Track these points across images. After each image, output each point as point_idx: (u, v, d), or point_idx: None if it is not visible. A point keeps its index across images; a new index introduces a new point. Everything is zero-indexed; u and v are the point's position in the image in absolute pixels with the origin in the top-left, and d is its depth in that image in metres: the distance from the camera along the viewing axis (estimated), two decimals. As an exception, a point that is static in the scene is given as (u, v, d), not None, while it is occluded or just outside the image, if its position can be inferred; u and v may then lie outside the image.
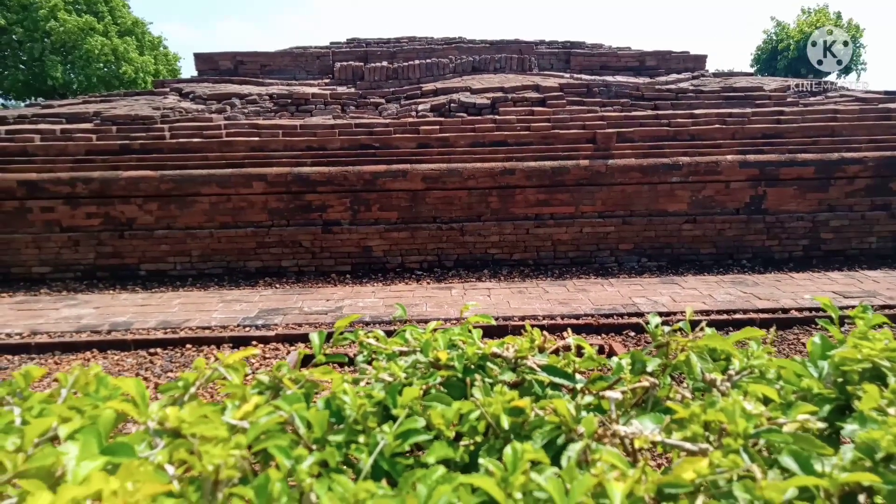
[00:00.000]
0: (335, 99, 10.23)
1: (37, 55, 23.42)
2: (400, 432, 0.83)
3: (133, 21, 26.72)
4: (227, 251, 7.73)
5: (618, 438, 0.79)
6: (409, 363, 1.04)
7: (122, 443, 0.80)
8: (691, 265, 7.83)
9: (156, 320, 6.20)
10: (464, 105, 9.38)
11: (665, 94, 9.80)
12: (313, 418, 0.84)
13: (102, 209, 7.60)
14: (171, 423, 0.82)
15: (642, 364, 1.01)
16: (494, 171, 7.76)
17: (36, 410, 0.91)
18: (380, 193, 7.75)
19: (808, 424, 0.79)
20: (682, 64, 12.40)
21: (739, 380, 0.97)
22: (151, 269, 7.72)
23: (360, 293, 7.01)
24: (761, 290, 6.71)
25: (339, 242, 7.78)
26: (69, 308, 6.63)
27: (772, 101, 9.42)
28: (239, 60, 12.29)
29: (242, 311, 6.42)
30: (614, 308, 6.26)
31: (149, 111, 9.03)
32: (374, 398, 0.89)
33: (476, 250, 7.89)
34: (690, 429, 0.77)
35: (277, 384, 1.00)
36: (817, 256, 7.98)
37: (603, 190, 7.86)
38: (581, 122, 8.40)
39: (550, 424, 0.83)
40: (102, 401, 0.96)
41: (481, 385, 0.93)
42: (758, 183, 7.89)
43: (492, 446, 0.83)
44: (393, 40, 13.91)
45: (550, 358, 1.06)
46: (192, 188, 7.60)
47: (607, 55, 12.49)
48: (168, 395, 1.01)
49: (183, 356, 5.53)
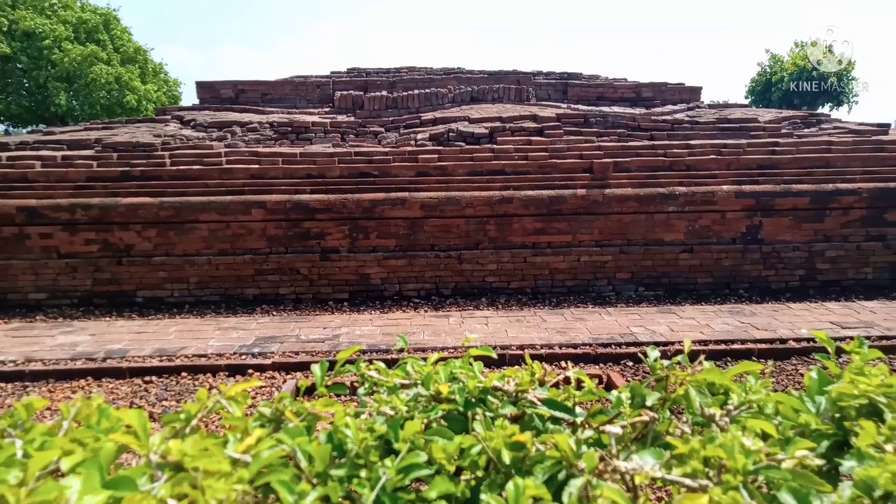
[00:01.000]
0: (335, 127, 10.34)
1: (41, 82, 23.69)
2: (402, 466, 0.83)
3: (135, 48, 27.10)
4: (225, 278, 7.72)
5: (618, 474, 0.79)
6: (411, 396, 1.05)
7: (125, 476, 0.81)
8: (689, 294, 7.84)
9: (152, 348, 6.17)
10: (462, 134, 9.48)
11: (661, 125, 9.93)
12: (315, 452, 0.84)
13: (101, 235, 7.62)
14: (173, 456, 0.82)
15: (642, 398, 1.02)
16: (492, 200, 7.81)
17: (38, 443, 0.92)
18: (378, 221, 7.78)
19: (806, 461, 0.79)
20: (677, 95, 12.59)
21: (738, 415, 0.98)
22: (148, 296, 7.70)
23: (358, 321, 6.99)
24: (759, 320, 6.71)
25: (336, 270, 7.79)
26: (65, 335, 6.60)
27: (767, 133, 9.54)
28: (240, 89, 12.44)
29: (239, 339, 6.39)
30: (612, 337, 6.25)
31: (150, 138, 9.11)
32: (376, 432, 0.90)
33: (474, 278, 7.90)
34: (690, 465, 0.78)
35: (279, 416, 1.00)
36: (814, 286, 8.01)
37: (600, 219, 7.91)
38: (578, 152, 8.49)
39: (551, 459, 0.83)
40: (104, 433, 0.96)
41: (482, 419, 0.94)
42: (754, 213, 7.96)
43: (493, 481, 0.83)
44: (393, 70, 14.12)
45: (551, 391, 1.06)
46: (191, 215, 7.63)
47: (604, 86, 12.68)
48: (170, 426, 1.01)
49: (178, 384, 5.49)
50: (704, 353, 1.43)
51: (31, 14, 23.54)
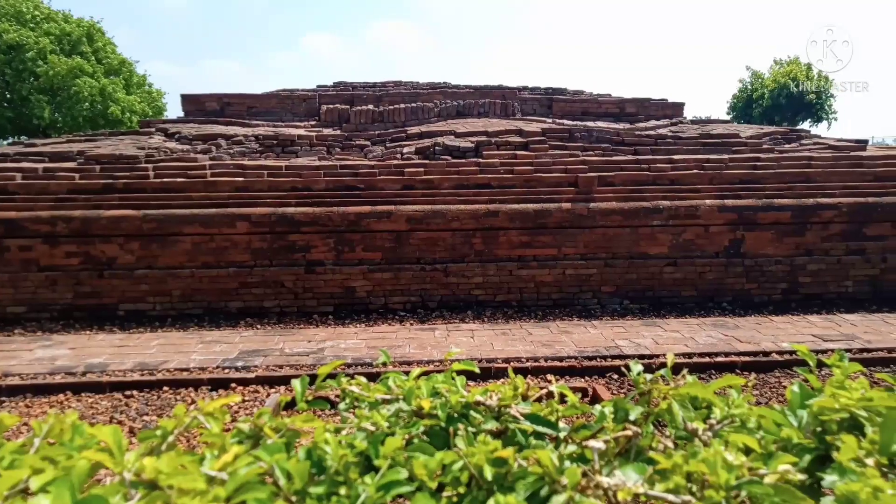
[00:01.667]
0: (321, 141, 10.33)
1: (24, 95, 23.46)
2: (382, 483, 0.82)
3: (120, 61, 26.96)
4: (209, 291, 7.65)
5: (601, 490, 0.79)
6: (392, 412, 1.03)
7: (96, 496, 0.78)
8: (673, 308, 7.89)
9: (133, 362, 6.07)
10: (448, 148, 9.51)
11: (645, 140, 10.04)
12: (294, 469, 0.83)
13: (83, 248, 7.52)
14: (147, 474, 0.80)
15: (625, 412, 1.02)
16: (478, 213, 7.83)
17: (7, 461, 0.89)
18: (364, 234, 7.76)
19: (788, 475, 0.79)
20: (660, 111, 12.75)
21: (721, 429, 0.98)
22: (130, 310, 7.60)
23: (343, 334, 6.95)
24: (742, 333, 6.77)
25: (322, 283, 7.74)
26: (43, 349, 6.48)
27: (748, 148, 9.68)
28: (226, 102, 12.40)
29: (222, 353, 6.32)
30: (597, 350, 6.26)
31: (133, 151, 9.04)
32: (357, 448, 0.88)
33: (460, 291, 7.89)
34: (673, 480, 0.77)
35: (258, 433, 0.99)
36: (796, 300, 8.09)
37: (585, 232, 7.95)
38: (563, 166, 8.55)
39: (534, 475, 0.82)
40: (77, 450, 0.94)
41: (464, 434, 0.93)
42: (736, 227, 8.05)
43: (475, 498, 0.82)
44: (379, 84, 14.16)
45: (534, 406, 1.06)
46: (174, 227, 7.56)
47: (588, 101, 12.82)
48: (146, 443, 0.99)
49: (159, 398, 5.40)
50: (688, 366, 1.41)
51: (15, 26, 23.35)
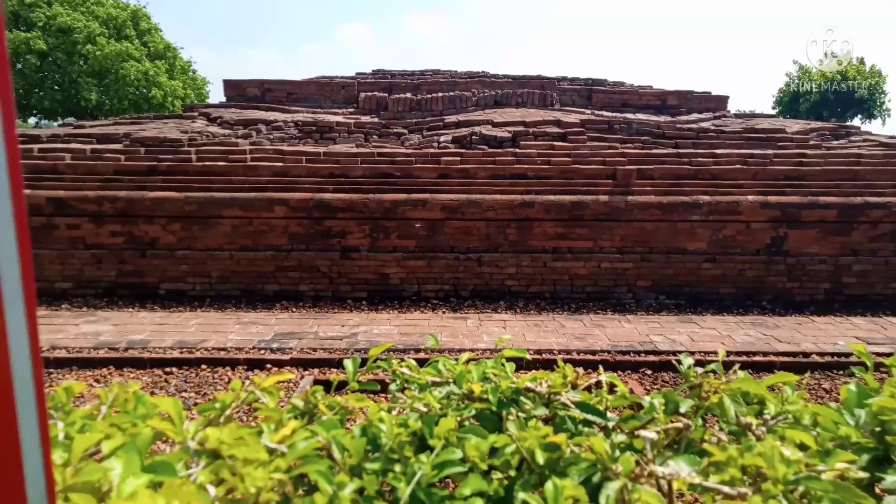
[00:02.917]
0: (359, 128, 10.40)
1: (73, 78, 24.16)
2: (437, 463, 0.83)
3: (165, 45, 27.53)
4: (246, 273, 7.80)
5: (654, 479, 0.79)
6: (444, 394, 1.05)
7: (164, 461, 0.82)
8: (710, 305, 7.75)
9: (173, 339, 6.24)
10: (485, 138, 9.48)
11: (686, 133, 9.84)
12: (351, 445, 0.85)
13: (126, 228, 7.74)
14: (210, 443, 0.84)
15: (675, 404, 1.01)
16: (513, 204, 7.80)
17: (78, 426, 0.93)
18: (399, 222, 7.81)
19: (848, 473, 0.78)
20: (703, 104, 12.46)
21: (775, 425, 0.97)
22: (171, 289, 7.81)
23: (376, 320, 7.02)
24: (782, 333, 6.61)
25: (356, 269, 7.83)
26: (88, 324, 6.71)
27: (794, 144, 9.41)
28: (266, 88, 12.57)
29: (258, 334, 6.45)
30: (631, 345, 6.20)
31: (177, 134, 9.24)
32: (410, 428, 0.90)
33: (493, 281, 7.88)
34: (728, 472, 0.77)
35: (312, 409, 1.01)
36: (839, 300, 7.86)
37: (622, 226, 7.85)
38: (601, 158, 8.44)
39: (586, 462, 0.83)
40: (141, 419, 0.98)
41: (515, 419, 0.94)
42: (779, 224, 7.84)
43: (526, 481, 0.83)
44: (417, 73, 14.16)
45: (583, 395, 1.06)
46: (214, 210, 7.72)
47: (629, 93, 12.60)
48: (204, 415, 1.03)
49: (198, 376, 5.55)
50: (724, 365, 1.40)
51: (67, 10, 24.03)
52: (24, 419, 0.53)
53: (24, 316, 0.53)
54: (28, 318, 0.54)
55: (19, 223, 0.53)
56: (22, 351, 0.53)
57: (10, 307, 0.52)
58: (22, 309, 0.53)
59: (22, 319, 0.53)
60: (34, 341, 0.54)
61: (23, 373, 0.53)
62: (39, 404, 0.54)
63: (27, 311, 0.54)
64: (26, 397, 0.53)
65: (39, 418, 0.54)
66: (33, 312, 0.55)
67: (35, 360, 0.54)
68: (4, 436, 0.52)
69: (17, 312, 0.52)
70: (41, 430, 0.54)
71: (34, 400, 0.54)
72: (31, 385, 0.54)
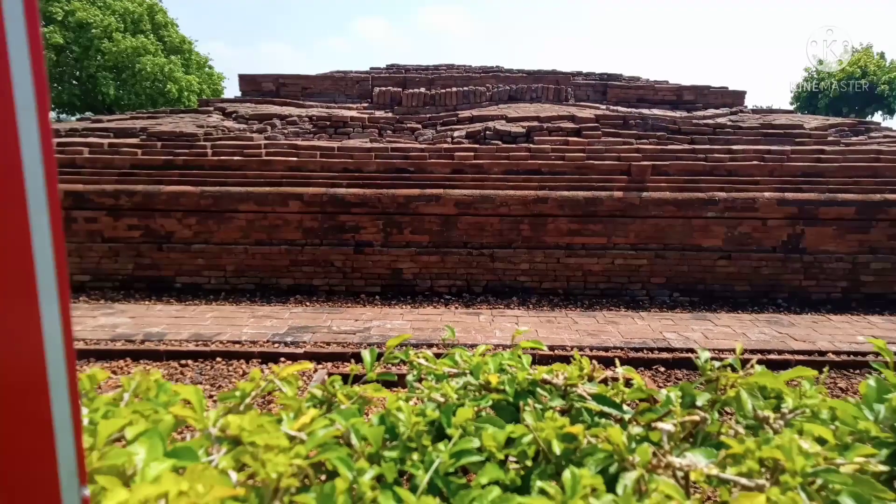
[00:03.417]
0: (373, 123, 10.42)
1: (91, 72, 24.42)
2: (454, 451, 0.84)
3: (181, 40, 27.73)
4: (261, 267, 7.86)
5: (671, 470, 0.79)
6: (461, 385, 1.06)
7: (186, 447, 0.84)
8: (725, 302, 7.69)
9: (188, 332, 6.31)
10: (499, 133, 9.46)
11: (702, 129, 9.75)
12: (369, 433, 0.86)
13: (143, 222, 7.82)
14: (231, 430, 0.85)
15: (692, 398, 1.01)
16: (527, 199, 7.78)
17: (102, 412, 0.95)
18: (412, 217, 7.82)
19: (867, 466, 0.78)
20: (720, 99, 12.33)
21: (792, 418, 0.97)
22: (187, 282, 7.89)
23: (389, 315, 7.05)
24: (797, 331, 6.55)
25: (370, 263, 7.86)
26: (106, 316, 6.80)
27: (812, 140, 9.29)
28: (281, 82, 12.62)
29: (272, 328, 6.50)
30: (644, 342, 6.17)
31: (193, 128, 9.32)
32: (428, 417, 0.91)
33: (505, 277, 7.88)
34: (746, 464, 0.77)
35: (330, 399, 1.03)
36: (857, 299, 7.77)
37: (636, 222, 7.81)
38: (616, 154, 8.39)
39: (603, 452, 0.84)
40: (162, 406, 1.00)
41: (532, 410, 0.94)
42: (796, 221, 7.76)
43: (543, 471, 0.84)
44: (431, 67, 14.15)
45: (599, 387, 1.06)
46: (230, 204, 7.78)
47: (644, 88, 12.50)
48: (224, 403, 1.04)
49: (213, 369, 5.61)
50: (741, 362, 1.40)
51: (85, 4, 24.27)
52: (57, 404, 0.55)
53: (58, 308, 0.55)
54: (62, 310, 0.55)
55: (54, 219, 0.55)
56: (56, 340, 0.54)
57: (45, 299, 0.53)
58: (56, 301, 0.54)
59: (56, 311, 0.54)
60: (67, 332, 0.56)
61: (56, 361, 0.55)
62: (72, 391, 0.56)
63: (61, 303, 0.55)
64: (59, 384, 0.55)
65: (72, 404, 0.56)
66: (67, 304, 0.56)
67: (68, 348, 0.56)
68: (39, 420, 0.54)
69: (51, 304, 0.54)
70: (73, 414, 0.56)
71: (67, 387, 0.56)
72: (64, 372, 0.55)
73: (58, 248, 0.54)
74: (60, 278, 0.55)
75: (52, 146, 0.54)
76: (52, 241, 0.54)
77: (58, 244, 0.54)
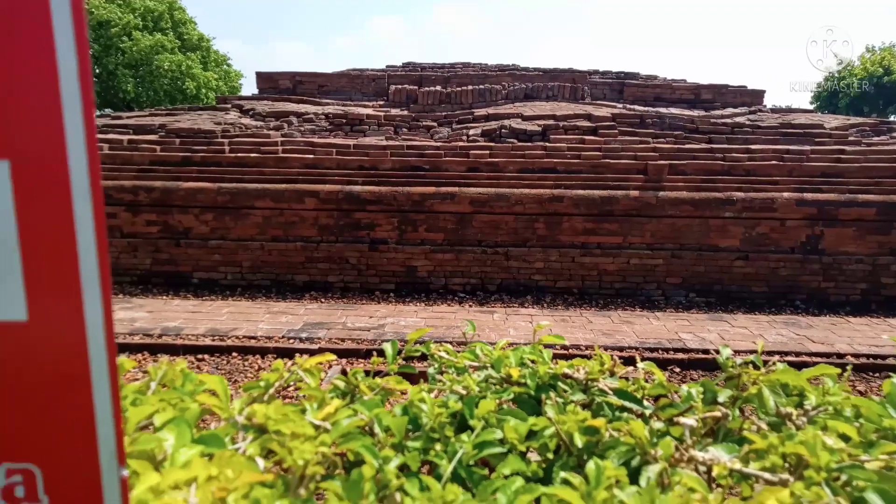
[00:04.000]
0: (388, 120, 10.45)
1: (111, 69, 24.72)
2: (477, 442, 0.85)
3: (199, 37, 27.98)
4: (277, 264, 7.92)
5: (694, 464, 0.79)
6: (482, 378, 1.07)
7: (213, 434, 0.85)
8: (742, 303, 7.62)
9: (205, 327, 6.38)
10: (515, 131, 9.44)
11: (720, 128, 9.66)
12: (392, 423, 0.87)
13: (161, 217, 7.91)
14: (258, 419, 0.87)
15: (713, 394, 1.01)
16: (542, 198, 7.76)
17: (130, 399, 0.98)
18: (427, 214, 7.84)
19: (893, 463, 0.78)
20: (738, 98, 12.22)
21: (815, 415, 0.96)
22: (203, 278, 7.97)
23: (403, 312, 7.07)
24: (815, 333, 6.48)
25: (384, 261, 7.89)
26: (124, 311, 6.89)
27: (832, 140, 9.17)
28: (298, 80, 12.70)
29: (288, 324, 6.55)
30: (659, 342, 6.14)
31: (210, 125, 9.41)
32: (451, 408, 0.92)
33: (520, 276, 7.87)
34: (769, 459, 0.77)
35: (352, 390, 1.04)
36: (877, 301, 7.66)
37: (652, 222, 7.76)
38: (632, 153, 8.35)
39: (626, 446, 0.84)
40: (188, 395, 1.02)
41: (554, 403, 0.95)
42: (815, 222, 7.67)
43: (565, 463, 0.85)
44: (447, 65, 14.16)
45: (621, 382, 1.07)
46: (246, 201, 7.85)
47: (661, 87, 12.42)
48: (248, 393, 1.06)
49: (229, 363, 5.66)
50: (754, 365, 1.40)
51: (104, 3, 24.58)
52: (98, 391, 0.57)
53: (100, 302, 0.57)
54: (104, 305, 0.57)
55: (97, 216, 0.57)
56: (98, 332, 0.56)
57: (89, 294, 0.55)
58: (99, 296, 0.56)
59: (98, 305, 0.56)
60: (109, 325, 0.58)
61: (98, 351, 0.57)
62: (112, 379, 0.58)
63: (103, 297, 0.57)
64: (101, 373, 0.57)
65: (112, 391, 0.58)
66: (108, 299, 0.58)
67: (109, 340, 0.58)
68: (81, 406, 0.56)
69: (94, 299, 0.56)
70: (113, 401, 0.58)
71: (108, 375, 0.57)
72: (105, 362, 0.57)
73: (101, 245, 0.56)
74: (103, 274, 0.56)
75: (96, 143, 0.56)
76: (96, 239, 0.56)
77: (101, 241, 0.56)
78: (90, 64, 0.53)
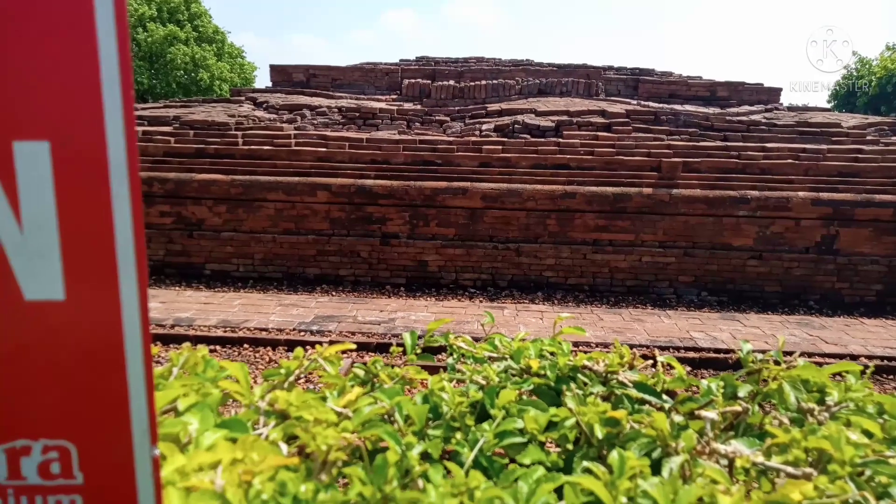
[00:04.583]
0: (401, 115, 10.45)
1: (125, 61, 24.84)
2: (498, 431, 0.86)
3: (214, 29, 28.07)
4: (288, 256, 7.96)
5: (716, 457, 0.79)
6: (502, 368, 1.07)
7: (236, 419, 0.86)
8: (754, 303, 7.57)
9: (216, 318, 6.43)
10: (528, 126, 9.42)
11: (735, 126, 9.58)
12: (413, 412, 0.88)
13: (175, 209, 7.97)
14: (280, 405, 0.88)
15: (733, 389, 1.01)
16: (554, 194, 7.74)
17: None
18: (439, 209, 7.84)
19: (918, 460, 0.77)
20: (754, 96, 12.10)
21: (838, 411, 0.96)
22: (216, 269, 8.02)
23: (413, 306, 7.08)
24: (829, 334, 6.43)
25: (395, 255, 7.90)
26: (139, 300, 6.95)
27: (850, 139, 9.07)
28: (311, 73, 12.72)
29: (299, 316, 6.58)
30: (671, 341, 6.11)
31: (224, 118, 9.45)
32: (471, 398, 0.92)
33: (531, 272, 7.86)
34: (792, 453, 0.77)
35: (371, 379, 1.05)
36: (892, 303, 7.58)
37: (665, 219, 7.72)
38: (646, 150, 8.30)
39: (647, 438, 0.84)
40: (209, 380, 1.03)
41: (574, 395, 0.95)
42: (830, 222, 7.59)
43: (585, 454, 0.85)
44: (461, 60, 14.13)
45: (640, 375, 1.07)
46: (259, 193, 7.89)
47: (677, 83, 12.32)
48: (269, 380, 1.07)
49: (240, 355, 5.71)
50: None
51: (119, -5, 24.68)
52: (132, 374, 0.58)
53: (136, 289, 0.58)
54: (140, 291, 0.58)
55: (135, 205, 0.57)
56: (133, 318, 0.58)
57: (125, 282, 0.56)
58: (135, 283, 0.57)
59: (135, 292, 0.57)
60: (144, 311, 0.59)
61: (133, 336, 0.58)
62: (146, 362, 0.59)
63: (139, 285, 0.58)
64: (136, 356, 0.58)
65: (146, 373, 0.59)
66: (144, 286, 0.59)
67: (144, 325, 0.59)
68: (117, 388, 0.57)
69: (130, 286, 0.57)
70: (147, 383, 0.59)
71: (142, 358, 0.59)
72: (140, 346, 0.58)
73: (137, 227, 0.57)
74: (139, 255, 0.57)
75: (134, 126, 0.56)
76: (133, 220, 0.56)
77: (137, 222, 0.57)
78: (130, 46, 0.54)
